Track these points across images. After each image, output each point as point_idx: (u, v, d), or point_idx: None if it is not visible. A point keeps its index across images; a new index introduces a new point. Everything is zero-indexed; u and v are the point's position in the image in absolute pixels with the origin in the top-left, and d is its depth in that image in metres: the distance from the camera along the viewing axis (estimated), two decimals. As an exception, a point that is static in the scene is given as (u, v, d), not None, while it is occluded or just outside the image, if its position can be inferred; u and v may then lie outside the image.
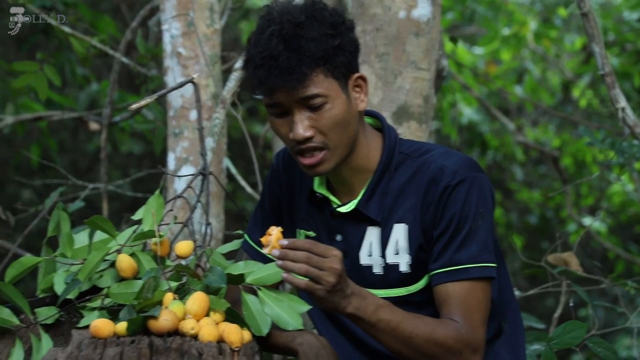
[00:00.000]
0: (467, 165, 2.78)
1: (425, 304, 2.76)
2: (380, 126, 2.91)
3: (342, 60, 2.72)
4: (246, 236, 3.03)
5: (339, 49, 2.71)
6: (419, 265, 2.79)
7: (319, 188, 2.88)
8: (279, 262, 2.54)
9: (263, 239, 2.59)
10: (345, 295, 2.58)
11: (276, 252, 2.54)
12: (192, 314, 2.54)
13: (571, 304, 3.97)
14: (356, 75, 2.78)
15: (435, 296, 2.75)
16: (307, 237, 2.91)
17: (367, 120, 2.90)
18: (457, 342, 2.66)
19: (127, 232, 2.81)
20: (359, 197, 2.83)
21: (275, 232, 2.57)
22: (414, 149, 2.85)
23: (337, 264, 2.53)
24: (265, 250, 2.58)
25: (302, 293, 2.88)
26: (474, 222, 2.73)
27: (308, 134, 2.70)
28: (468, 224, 2.73)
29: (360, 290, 2.62)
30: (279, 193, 3.00)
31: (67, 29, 5.26)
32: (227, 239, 4.00)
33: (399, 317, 2.63)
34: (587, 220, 8.35)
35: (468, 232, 2.73)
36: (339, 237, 2.86)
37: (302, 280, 2.55)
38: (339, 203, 2.86)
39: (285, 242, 2.54)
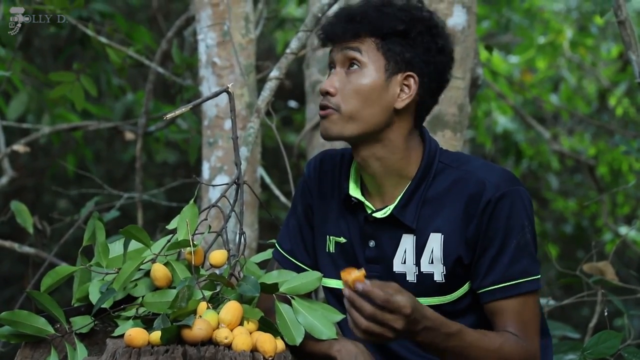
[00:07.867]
0: (508, 179, 2.76)
1: (459, 313, 2.75)
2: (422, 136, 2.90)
3: (402, 50, 2.74)
4: (277, 245, 3.04)
5: (403, 38, 2.73)
6: (454, 277, 2.77)
7: (354, 192, 2.87)
8: (346, 303, 2.44)
9: (343, 274, 2.44)
10: (413, 332, 2.49)
11: (346, 292, 2.43)
12: (225, 323, 2.54)
13: (606, 314, 3.94)
14: (409, 73, 2.77)
15: (488, 311, 2.75)
16: (336, 243, 2.90)
17: None
18: (521, 357, 2.67)
19: (162, 242, 2.83)
20: (395, 203, 2.81)
21: (357, 272, 2.42)
22: (453, 159, 2.84)
23: (400, 324, 2.42)
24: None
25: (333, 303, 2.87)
26: (521, 236, 2.72)
27: (331, 89, 2.75)
28: (515, 238, 2.71)
29: (434, 322, 2.52)
30: (310, 200, 3.00)
31: (103, 40, 5.30)
32: (261, 248, 4.01)
33: (467, 343, 2.59)
34: (623, 230, 8.28)
35: (517, 247, 2.71)
36: (371, 243, 2.85)
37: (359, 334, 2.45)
38: (374, 209, 2.85)
39: (360, 286, 2.41)
